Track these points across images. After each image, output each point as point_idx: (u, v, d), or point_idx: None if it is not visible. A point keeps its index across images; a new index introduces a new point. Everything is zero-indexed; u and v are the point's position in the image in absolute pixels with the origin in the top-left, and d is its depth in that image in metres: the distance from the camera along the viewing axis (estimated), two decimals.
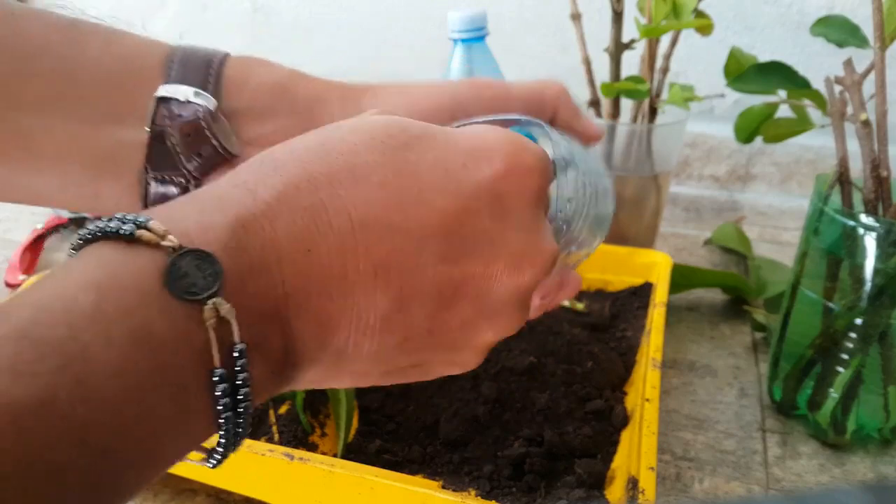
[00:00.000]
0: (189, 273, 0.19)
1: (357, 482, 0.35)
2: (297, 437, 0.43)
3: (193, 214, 0.20)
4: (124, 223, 0.19)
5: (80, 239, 0.19)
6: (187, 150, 0.30)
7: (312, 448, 0.43)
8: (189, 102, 0.30)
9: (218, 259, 0.19)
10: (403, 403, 0.45)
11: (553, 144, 0.30)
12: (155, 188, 0.31)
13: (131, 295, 0.18)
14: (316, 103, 0.32)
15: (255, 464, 0.37)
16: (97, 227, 0.19)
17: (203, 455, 0.21)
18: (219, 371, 0.19)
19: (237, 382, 0.19)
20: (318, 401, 0.46)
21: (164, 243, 0.19)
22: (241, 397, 0.20)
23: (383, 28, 0.93)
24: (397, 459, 0.41)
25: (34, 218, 0.81)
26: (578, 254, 0.34)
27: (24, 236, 0.75)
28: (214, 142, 0.30)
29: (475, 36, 0.46)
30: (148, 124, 0.30)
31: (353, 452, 0.42)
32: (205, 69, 0.31)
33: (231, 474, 0.39)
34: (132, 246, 0.19)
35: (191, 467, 0.40)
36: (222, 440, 0.20)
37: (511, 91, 0.34)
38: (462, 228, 0.23)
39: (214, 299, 0.19)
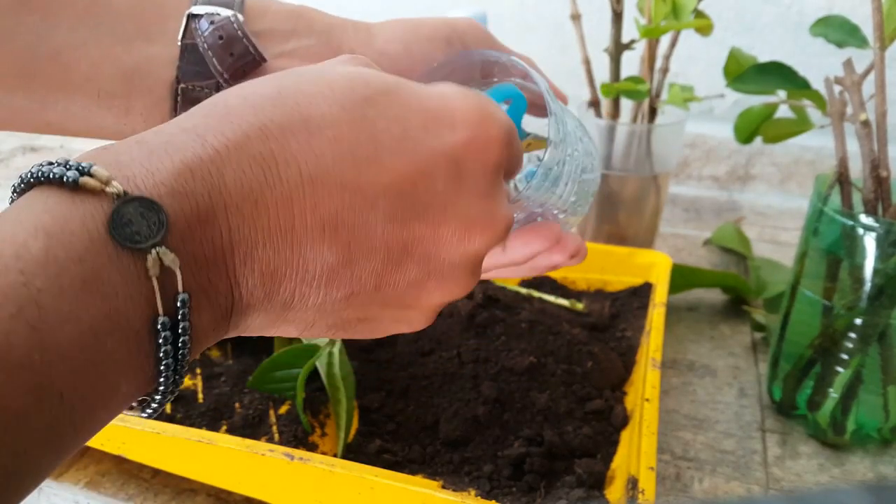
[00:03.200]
0: (133, 221, 0.19)
1: (357, 482, 0.35)
2: (297, 437, 0.43)
3: (140, 158, 0.20)
4: (67, 169, 0.19)
5: (22, 182, 0.19)
6: (220, 51, 0.32)
7: (312, 448, 0.43)
8: (219, 14, 0.32)
9: (163, 207, 0.19)
10: (403, 403, 0.45)
11: (549, 105, 0.30)
12: (184, 105, 0.32)
13: (80, 241, 0.18)
14: (332, 28, 0.34)
15: (256, 464, 0.37)
16: (39, 170, 0.19)
17: (137, 409, 0.21)
18: (162, 319, 0.19)
19: (178, 331, 0.20)
20: (318, 401, 0.46)
21: (108, 189, 0.19)
22: (181, 344, 0.20)
23: None
24: (397, 459, 0.41)
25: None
26: (566, 220, 0.34)
27: None
28: (247, 41, 0.32)
29: None
30: (179, 38, 0.32)
31: (353, 452, 0.42)
32: None
33: (231, 474, 0.39)
34: (77, 193, 0.19)
35: (191, 466, 0.40)
36: (161, 386, 0.20)
37: (499, 45, 0.36)
38: (415, 190, 0.23)
39: (158, 248, 0.19)
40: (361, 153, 0.22)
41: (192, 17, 0.32)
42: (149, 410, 0.21)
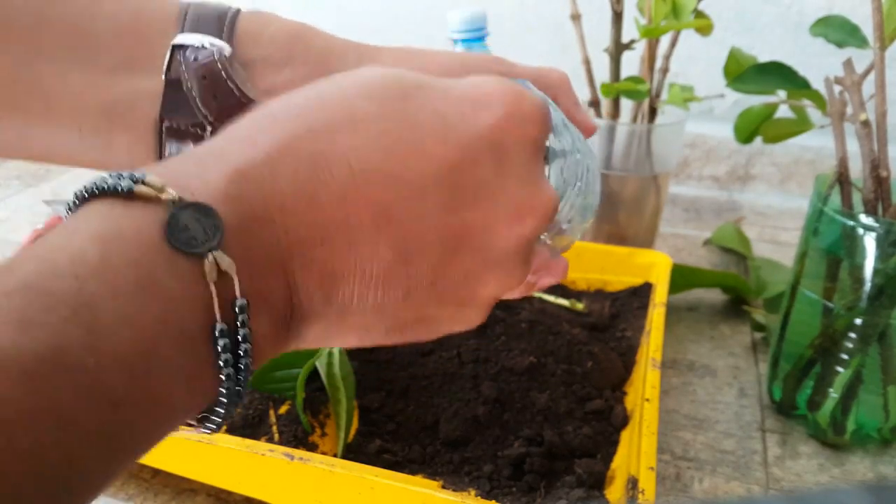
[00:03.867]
0: (189, 226, 0.19)
1: (357, 482, 0.35)
2: (298, 437, 0.43)
3: (193, 168, 0.20)
4: (121, 179, 0.19)
5: (77, 197, 0.19)
6: (204, 92, 0.31)
7: (312, 448, 0.43)
8: (204, 48, 0.31)
9: (218, 212, 0.19)
10: (403, 403, 0.45)
11: (553, 121, 0.30)
12: (168, 141, 0.31)
13: (135, 247, 0.18)
14: (331, 55, 0.33)
15: (256, 464, 0.37)
16: (93, 183, 0.19)
17: (198, 424, 0.21)
18: (220, 325, 0.19)
19: (238, 338, 0.19)
20: (318, 401, 0.46)
21: (163, 197, 0.19)
22: (242, 353, 0.20)
23: (383, 28, 0.93)
24: (397, 459, 0.41)
25: (34, 218, 0.81)
26: (564, 238, 0.34)
27: (24, 237, 0.75)
28: (231, 84, 0.31)
29: (475, 36, 0.47)
30: (163, 71, 0.31)
31: (353, 452, 0.42)
32: (218, 21, 0.31)
33: (231, 474, 0.39)
34: (131, 201, 0.19)
35: (191, 466, 0.40)
36: (222, 398, 0.20)
37: (516, 70, 0.34)
38: (462, 178, 0.23)
39: (214, 252, 0.19)
40: (406, 147, 0.22)
41: (176, 48, 0.31)
42: (210, 425, 0.21)
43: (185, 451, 0.39)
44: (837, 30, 0.45)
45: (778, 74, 0.48)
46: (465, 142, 0.23)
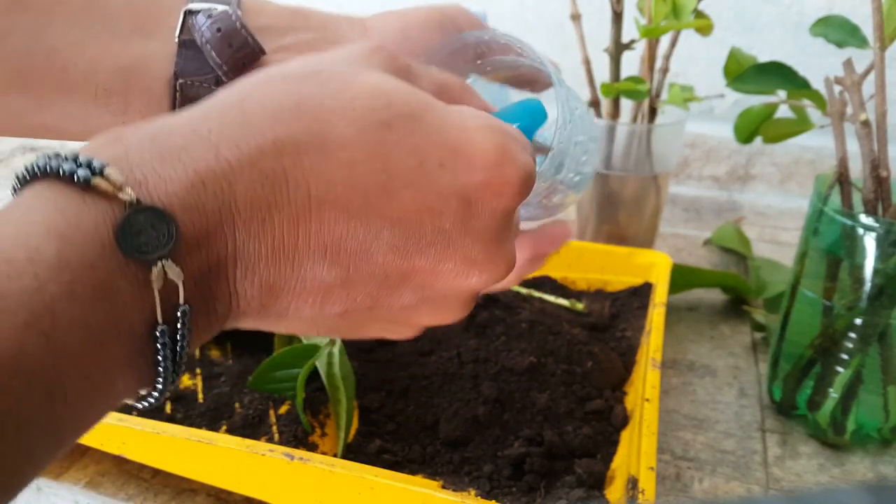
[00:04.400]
0: (143, 231, 0.19)
1: (357, 482, 0.35)
2: (297, 436, 0.43)
3: (152, 161, 0.20)
4: (78, 166, 0.18)
5: (28, 173, 0.19)
6: (219, 42, 0.32)
7: (312, 448, 0.43)
8: (216, 9, 0.32)
9: (175, 219, 0.19)
10: (403, 403, 0.45)
11: (558, 94, 0.30)
12: (182, 97, 0.32)
13: (92, 246, 0.18)
14: (329, 23, 0.35)
15: (255, 464, 0.37)
16: (47, 163, 0.19)
17: (135, 401, 0.22)
18: (161, 327, 0.19)
19: (177, 337, 0.20)
20: (318, 401, 0.46)
21: (121, 196, 0.18)
22: (180, 348, 0.20)
23: None
24: (397, 459, 0.41)
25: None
26: (560, 198, 0.35)
27: None
28: (245, 32, 0.32)
29: None
30: (177, 34, 0.32)
31: (353, 452, 0.42)
32: None
33: (231, 474, 0.39)
34: (88, 192, 0.18)
35: (191, 466, 0.40)
36: (159, 385, 0.21)
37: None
38: (421, 225, 0.23)
39: (164, 261, 0.19)
40: (372, 182, 0.22)
41: (189, 13, 0.32)
42: (145, 403, 0.22)
43: (185, 451, 0.39)
44: (837, 30, 0.45)
45: (778, 74, 0.47)
46: (434, 194, 0.23)
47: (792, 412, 0.48)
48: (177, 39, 0.32)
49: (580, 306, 0.56)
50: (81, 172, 0.18)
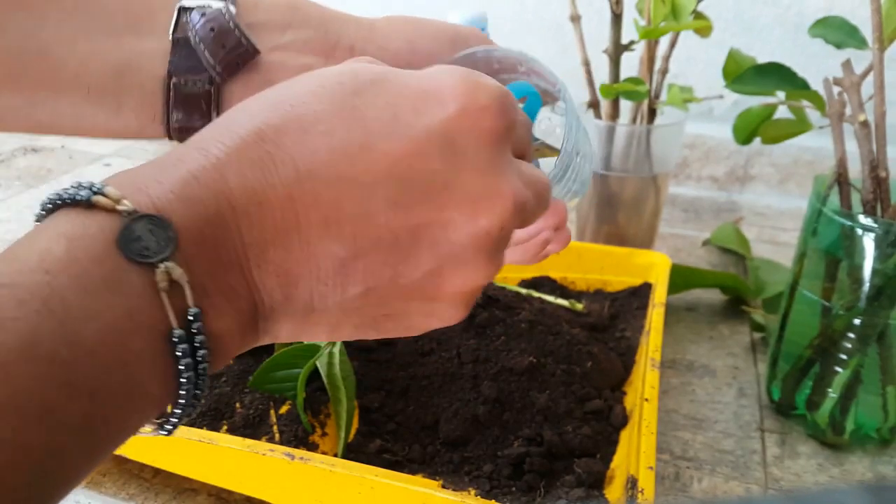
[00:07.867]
0: (142, 237, 0.19)
1: (357, 482, 0.35)
2: (298, 436, 0.43)
3: (154, 173, 0.21)
4: (81, 189, 0.19)
5: (42, 209, 0.20)
6: (212, 43, 0.31)
7: (313, 448, 0.43)
8: (210, 7, 0.32)
9: (172, 224, 0.20)
10: (403, 403, 0.45)
11: (567, 106, 0.30)
12: (176, 108, 0.32)
13: (99, 245, 0.19)
14: (329, 20, 0.34)
15: (256, 463, 0.37)
16: (56, 195, 0.20)
17: (156, 425, 0.21)
18: (177, 331, 0.19)
19: (195, 344, 0.20)
20: (318, 401, 0.46)
21: (118, 207, 0.19)
22: (200, 358, 0.20)
23: None
24: (397, 459, 0.41)
25: (34, 218, 0.81)
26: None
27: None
28: (238, 32, 0.32)
29: None
30: (170, 32, 0.32)
31: (354, 452, 0.42)
32: None
33: (232, 474, 0.39)
34: (91, 210, 0.19)
35: (192, 466, 0.40)
36: (181, 399, 0.20)
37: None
38: (411, 172, 0.23)
39: (167, 263, 0.19)
40: (353, 143, 0.22)
41: (183, 10, 0.32)
42: (168, 427, 0.21)
43: (186, 451, 0.39)
44: (836, 31, 0.45)
45: (777, 75, 0.48)
46: (415, 136, 0.23)
47: (791, 412, 0.48)
48: (170, 37, 0.32)
49: (580, 306, 0.56)
50: (83, 193, 0.19)
